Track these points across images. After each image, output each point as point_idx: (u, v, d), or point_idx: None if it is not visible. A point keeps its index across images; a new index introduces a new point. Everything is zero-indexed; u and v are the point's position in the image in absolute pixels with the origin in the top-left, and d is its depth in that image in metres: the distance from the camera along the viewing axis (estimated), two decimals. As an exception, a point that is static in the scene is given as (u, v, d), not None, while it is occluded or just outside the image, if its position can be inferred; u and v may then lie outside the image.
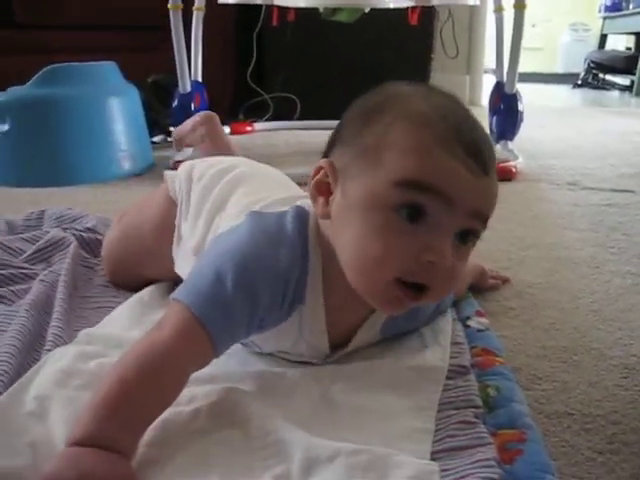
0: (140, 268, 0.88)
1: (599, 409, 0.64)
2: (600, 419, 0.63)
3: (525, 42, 1.85)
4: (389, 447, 0.52)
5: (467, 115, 0.60)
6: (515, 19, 1.81)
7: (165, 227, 0.82)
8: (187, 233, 0.78)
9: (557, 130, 2.58)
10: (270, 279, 0.59)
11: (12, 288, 0.87)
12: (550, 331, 0.82)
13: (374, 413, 0.58)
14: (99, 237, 1.03)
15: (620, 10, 4.99)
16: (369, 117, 0.59)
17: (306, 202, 0.66)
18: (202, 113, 1.15)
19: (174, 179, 0.84)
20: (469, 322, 0.79)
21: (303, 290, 0.62)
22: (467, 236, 0.58)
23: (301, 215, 0.64)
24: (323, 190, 0.62)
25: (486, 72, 3.41)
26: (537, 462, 0.52)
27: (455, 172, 0.55)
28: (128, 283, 0.90)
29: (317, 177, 0.62)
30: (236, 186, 0.76)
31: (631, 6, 4.79)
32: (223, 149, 1.05)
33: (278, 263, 0.60)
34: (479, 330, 0.77)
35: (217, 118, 1.13)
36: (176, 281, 0.78)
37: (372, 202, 0.56)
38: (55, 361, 0.64)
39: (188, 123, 1.15)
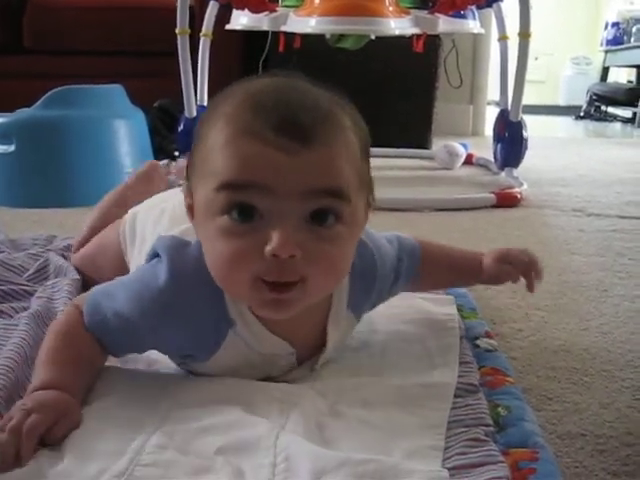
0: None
1: (612, 430, 0.63)
2: (613, 440, 0.61)
3: (527, 75, 1.87)
4: (398, 463, 0.50)
5: (288, 92, 0.57)
6: (520, 47, 1.83)
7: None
8: None
9: (561, 159, 2.58)
10: (156, 323, 0.61)
11: (12, 305, 0.85)
12: (559, 353, 0.80)
13: (382, 430, 0.56)
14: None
15: (621, 43, 5.04)
16: (200, 130, 0.60)
17: None
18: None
19: (123, 227, 0.88)
20: (478, 342, 0.77)
21: (225, 313, 0.61)
22: (323, 216, 0.55)
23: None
24: (193, 213, 0.62)
25: (489, 104, 3.43)
26: (551, 481, 0.50)
27: (264, 159, 0.53)
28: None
29: (186, 201, 0.62)
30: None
31: (632, 40, 4.83)
32: None
33: (172, 305, 0.60)
34: (488, 350, 0.76)
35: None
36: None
37: (207, 212, 0.57)
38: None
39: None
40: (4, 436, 0.51)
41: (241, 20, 1.82)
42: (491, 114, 2.74)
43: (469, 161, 2.33)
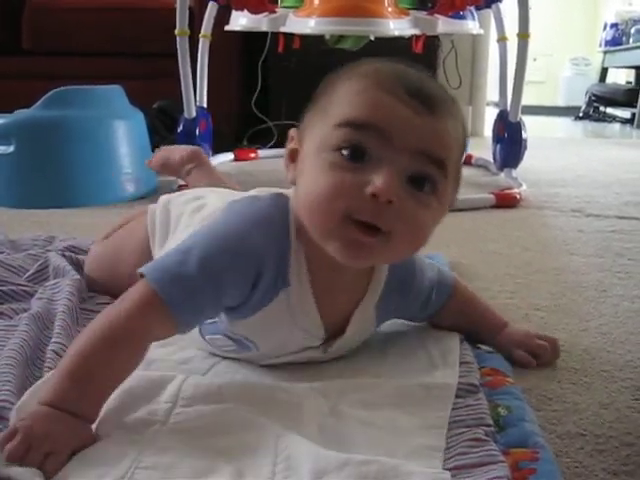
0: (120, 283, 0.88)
1: (612, 430, 0.63)
2: (613, 440, 0.61)
3: (527, 76, 1.87)
4: (399, 463, 0.50)
5: (417, 71, 0.63)
6: (519, 48, 1.83)
7: (145, 259, 0.81)
8: None
9: (560, 160, 2.58)
10: (239, 257, 0.60)
11: (12, 306, 0.85)
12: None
13: (383, 429, 0.56)
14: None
15: (620, 44, 5.05)
16: (327, 84, 0.63)
17: (289, 192, 0.67)
18: (189, 150, 1.17)
19: (152, 214, 0.85)
20: (478, 344, 0.77)
21: (286, 271, 0.63)
22: (422, 181, 0.59)
23: (279, 198, 0.66)
24: (295, 157, 0.64)
25: (488, 104, 3.43)
26: (551, 481, 0.50)
27: (392, 108, 0.58)
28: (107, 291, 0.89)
29: (289, 146, 0.65)
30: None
31: (631, 40, 4.84)
32: (213, 179, 1.08)
33: (249, 242, 0.61)
34: (488, 352, 0.76)
35: (202, 152, 1.17)
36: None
37: (320, 147, 0.59)
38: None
39: (175, 156, 1.15)
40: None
41: (240, 21, 1.82)
42: (490, 115, 2.74)
43: (468, 161, 2.32)
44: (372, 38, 1.85)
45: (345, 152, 0.57)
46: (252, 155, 2.36)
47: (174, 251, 0.62)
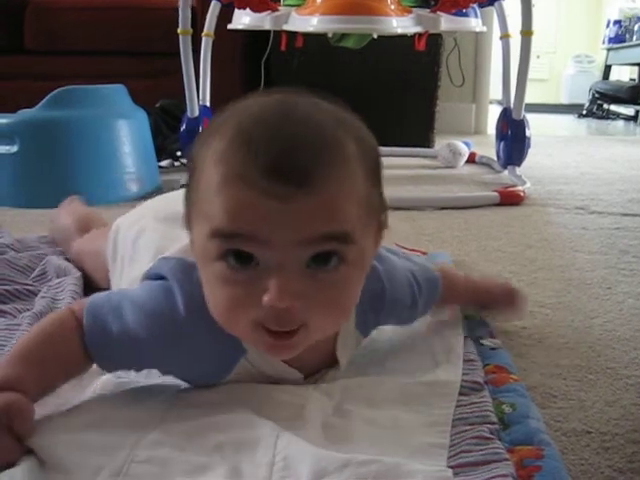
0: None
1: (617, 428, 0.63)
2: (619, 438, 0.61)
3: (530, 73, 1.87)
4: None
5: (284, 122, 0.51)
6: (522, 45, 1.82)
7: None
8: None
9: (564, 157, 2.58)
10: (194, 355, 0.60)
11: (16, 305, 0.85)
12: (564, 350, 0.80)
13: (386, 428, 0.56)
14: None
15: (624, 42, 5.04)
16: (195, 157, 0.55)
17: None
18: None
19: (108, 244, 0.86)
20: (482, 341, 0.77)
21: (238, 343, 0.59)
22: (327, 258, 0.51)
23: None
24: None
25: (491, 102, 3.43)
26: (557, 479, 0.50)
27: (254, 208, 0.49)
28: None
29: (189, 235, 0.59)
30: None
31: (634, 37, 4.83)
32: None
33: (202, 340, 0.59)
34: (492, 348, 0.75)
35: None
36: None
37: (202, 257, 0.54)
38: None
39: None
40: None
41: (243, 19, 1.82)
42: (493, 112, 2.73)
43: (472, 159, 2.32)
44: (375, 36, 1.85)
45: (230, 262, 0.51)
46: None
47: (113, 298, 0.61)
